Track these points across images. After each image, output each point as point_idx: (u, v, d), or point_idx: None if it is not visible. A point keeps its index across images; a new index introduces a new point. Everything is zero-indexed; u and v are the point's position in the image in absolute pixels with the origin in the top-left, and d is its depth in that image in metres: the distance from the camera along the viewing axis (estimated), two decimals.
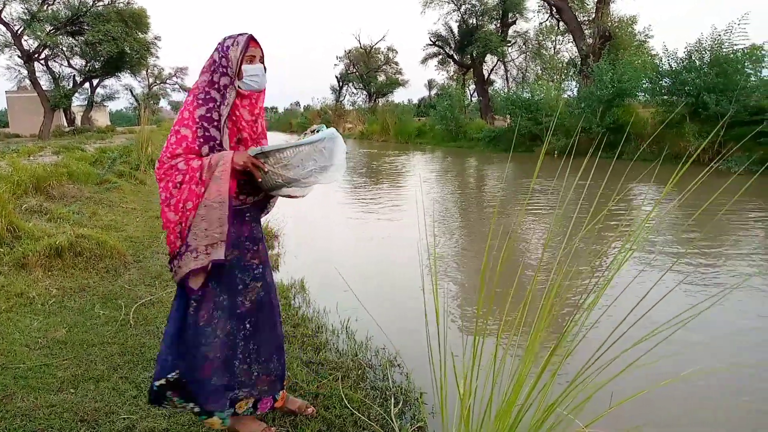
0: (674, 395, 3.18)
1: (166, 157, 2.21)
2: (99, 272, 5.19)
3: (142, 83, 50.43)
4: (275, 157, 2.18)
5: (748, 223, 7.85)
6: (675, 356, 3.48)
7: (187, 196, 2.17)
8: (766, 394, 3.28)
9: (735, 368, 3.51)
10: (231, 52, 2.22)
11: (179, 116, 2.27)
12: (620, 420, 1.82)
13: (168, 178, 2.20)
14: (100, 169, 11.06)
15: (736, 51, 14.81)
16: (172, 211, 2.19)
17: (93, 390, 3.06)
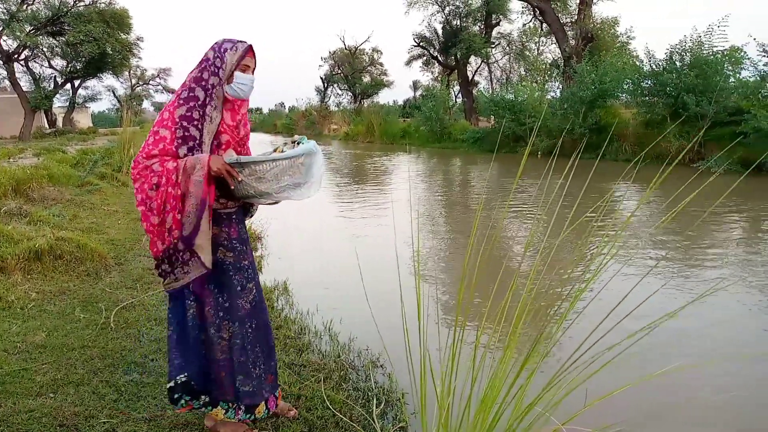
0: (649, 393, 3.23)
1: (142, 157, 2.20)
2: (79, 275, 5.14)
3: (124, 84, 49.96)
4: (251, 168, 2.17)
5: (728, 222, 7.96)
6: (652, 353, 3.53)
7: (165, 198, 2.16)
8: (741, 389, 3.34)
9: (709, 365, 3.57)
10: (228, 55, 2.23)
11: (159, 117, 2.26)
12: (598, 418, 1.84)
13: (143, 179, 2.18)
14: (81, 171, 10.94)
15: (716, 53, 15.02)
16: (155, 215, 2.18)
17: (73, 394, 3.03)
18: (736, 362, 3.66)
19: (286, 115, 57.13)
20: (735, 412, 3.14)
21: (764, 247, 6.63)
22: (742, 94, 14.44)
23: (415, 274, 1.87)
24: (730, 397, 3.27)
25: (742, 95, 14.46)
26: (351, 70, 48.28)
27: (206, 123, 2.22)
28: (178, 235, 2.19)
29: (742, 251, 6.42)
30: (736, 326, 4.31)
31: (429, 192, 12.45)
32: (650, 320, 1.85)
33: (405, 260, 5.56)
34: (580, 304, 4.28)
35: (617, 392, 1.74)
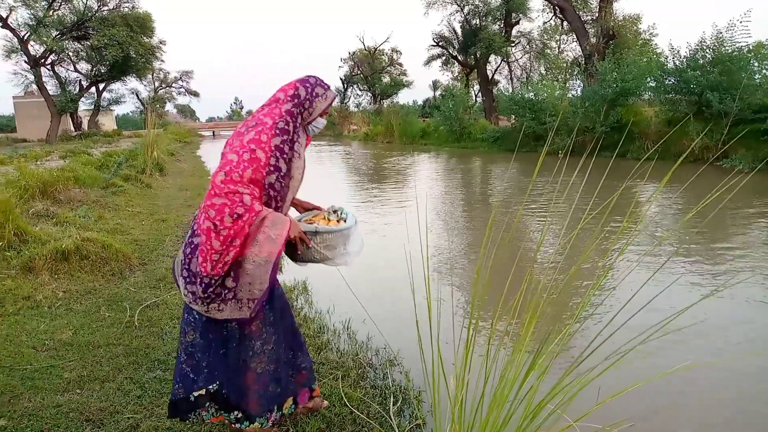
0: (662, 390, 3.22)
1: (237, 174, 2.12)
2: (105, 275, 5.26)
3: (147, 87, 50.77)
4: (322, 236, 2.39)
5: (752, 221, 7.85)
6: (666, 351, 3.52)
7: (237, 233, 2.14)
8: (752, 387, 3.31)
9: (722, 363, 3.55)
10: (318, 101, 2.33)
11: (255, 135, 2.20)
12: (610, 415, 1.86)
13: (228, 201, 2.11)
14: (106, 173, 11.14)
15: (741, 48, 14.77)
16: (219, 241, 2.14)
17: (98, 390, 3.12)
18: (751, 360, 3.63)
19: None
20: (746, 410, 3.12)
21: None
22: (767, 91, 14.20)
23: (424, 271, 1.90)
24: (742, 395, 3.25)
25: (767, 92, 14.21)
26: (370, 71, 48.43)
27: (294, 158, 2.30)
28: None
29: (763, 250, 6.33)
30: (753, 324, 4.26)
31: (447, 190, 12.46)
32: (664, 316, 1.86)
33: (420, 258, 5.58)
34: (595, 301, 4.27)
35: (629, 389, 1.75)
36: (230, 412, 2.45)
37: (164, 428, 2.74)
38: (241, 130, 2.26)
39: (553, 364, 1.86)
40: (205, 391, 2.43)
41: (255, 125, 2.22)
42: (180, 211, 8.93)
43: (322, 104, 2.34)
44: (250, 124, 2.27)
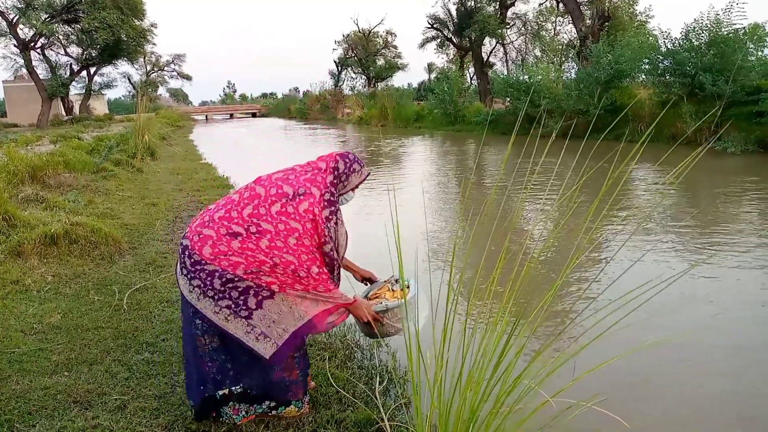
0: (635, 365, 3.28)
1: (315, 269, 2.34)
2: (94, 259, 5.26)
3: (139, 71, 50.25)
4: (393, 312, 2.51)
5: (743, 202, 7.89)
6: (636, 327, 3.57)
7: (298, 251, 2.30)
8: (719, 361, 3.37)
9: (691, 338, 3.61)
10: (353, 176, 2.53)
11: (309, 207, 2.32)
12: (586, 390, 1.88)
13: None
14: (96, 157, 11.09)
15: (737, 30, 14.70)
16: (292, 255, 2.28)
17: (86, 372, 3.14)
18: (719, 335, 3.70)
19: (300, 100, 57.13)
20: (716, 383, 3.17)
21: None
22: (761, 73, 14.16)
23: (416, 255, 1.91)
24: (711, 369, 3.31)
25: (761, 74, 14.17)
26: (365, 54, 48.12)
27: (339, 225, 2.45)
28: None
29: (752, 231, 6.36)
30: (728, 302, 4.32)
31: (439, 173, 12.45)
32: (640, 293, 1.88)
33: (412, 242, 5.60)
34: (574, 280, 4.29)
35: (604, 365, 1.77)
36: (261, 403, 2.58)
37: (151, 409, 2.76)
38: (284, 191, 2.34)
39: (532, 342, 1.87)
40: (229, 391, 2.52)
41: (305, 194, 2.33)
42: (171, 195, 8.92)
43: (356, 179, 2.55)
44: (295, 186, 2.36)
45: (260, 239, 2.26)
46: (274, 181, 2.39)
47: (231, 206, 2.34)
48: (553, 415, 1.76)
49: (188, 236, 2.34)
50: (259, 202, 2.31)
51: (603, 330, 1.71)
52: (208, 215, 2.36)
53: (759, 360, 3.46)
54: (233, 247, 2.25)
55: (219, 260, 2.25)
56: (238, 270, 2.26)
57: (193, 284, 2.31)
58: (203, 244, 2.27)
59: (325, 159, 2.52)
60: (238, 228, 2.27)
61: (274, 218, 2.27)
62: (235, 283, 2.28)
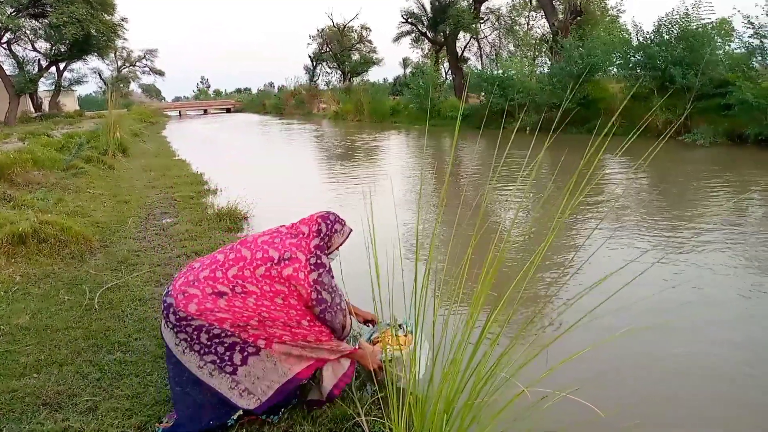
0: (607, 354, 3.32)
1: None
2: (64, 258, 5.15)
3: (110, 66, 49.43)
4: (399, 360, 2.53)
5: (712, 192, 8.04)
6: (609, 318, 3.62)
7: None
8: (691, 348, 3.44)
9: (661, 327, 3.67)
10: (336, 236, 2.59)
11: (294, 272, 2.36)
12: (560, 380, 1.90)
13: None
14: (66, 154, 10.86)
15: (705, 25, 14.97)
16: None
17: (56, 374, 3.07)
18: (687, 323, 3.77)
19: (275, 95, 56.66)
20: (683, 369, 3.23)
21: (745, 215, 6.70)
22: (729, 67, 14.45)
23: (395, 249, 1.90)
24: (679, 354, 3.37)
25: (729, 67, 14.47)
26: (340, 48, 47.88)
27: (333, 280, 2.50)
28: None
29: (720, 219, 6.49)
30: (702, 289, 4.40)
31: (416, 166, 12.47)
32: (618, 287, 1.90)
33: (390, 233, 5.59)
34: (547, 271, 4.32)
35: (577, 356, 1.79)
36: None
37: (123, 409, 2.71)
38: (269, 255, 2.38)
39: (505, 334, 1.88)
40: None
41: (290, 259, 2.37)
42: (143, 192, 8.78)
43: (339, 239, 2.61)
44: (281, 250, 2.40)
45: (246, 298, 2.32)
46: (260, 245, 2.43)
47: (216, 266, 2.38)
48: (529, 405, 1.77)
49: (172, 294, 2.35)
50: (245, 264, 2.36)
51: (575, 321, 1.73)
52: (192, 275, 2.38)
53: (731, 344, 3.54)
54: (219, 305, 2.30)
55: (206, 316, 2.29)
56: (225, 324, 2.30)
57: (180, 337, 2.35)
58: (188, 302, 2.30)
59: (306, 222, 2.56)
60: (223, 288, 2.32)
61: (259, 281, 2.33)
62: (221, 338, 2.32)
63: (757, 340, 3.62)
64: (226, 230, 6.23)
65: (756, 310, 4.05)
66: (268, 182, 10.69)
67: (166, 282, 4.57)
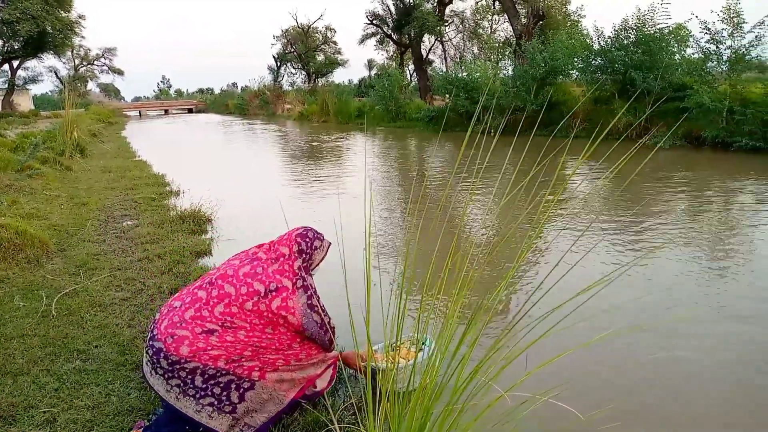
0: (586, 357, 3.33)
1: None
2: (19, 263, 4.94)
3: (67, 65, 48.06)
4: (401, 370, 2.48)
5: (672, 194, 8.23)
6: (593, 321, 3.64)
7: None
8: (670, 350, 3.47)
9: (643, 330, 3.70)
10: (316, 253, 2.57)
11: (284, 303, 2.34)
12: (540, 384, 1.87)
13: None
14: (21, 155, 10.47)
15: (662, 30, 15.35)
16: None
17: (11, 385, 2.92)
18: (671, 323, 3.81)
19: (238, 96, 55.93)
20: (668, 369, 3.26)
21: (705, 215, 6.87)
22: (686, 71, 14.84)
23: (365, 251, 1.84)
24: (666, 357, 3.40)
25: (686, 71, 14.86)
26: (304, 49, 47.57)
27: (319, 298, 2.49)
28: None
29: (683, 220, 6.64)
30: (672, 290, 4.46)
31: (382, 168, 12.44)
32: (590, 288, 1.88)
33: (357, 237, 5.54)
34: (525, 274, 4.33)
35: (557, 359, 1.77)
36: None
37: (84, 420, 2.59)
38: (255, 288, 2.34)
39: (483, 338, 1.85)
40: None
41: (277, 289, 2.34)
42: (102, 194, 8.51)
43: (319, 256, 2.60)
44: (265, 281, 2.36)
45: (237, 332, 2.28)
46: (242, 278, 2.37)
47: (200, 305, 2.32)
48: (509, 410, 1.74)
49: (159, 338, 2.27)
50: (230, 301, 2.31)
51: (552, 324, 1.70)
52: (177, 315, 2.31)
53: (709, 346, 3.57)
54: (211, 342, 2.25)
55: (199, 356, 2.24)
56: (219, 362, 2.26)
57: (171, 384, 2.28)
58: (179, 344, 2.24)
59: (285, 243, 2.51)
60: (212, 326, 2.27)
61: (248, 315, 2.30)
62: (216, 378, 2.28)
63: (733, 338, 3.68)
64: (189, 233, 6.07)
65: (726, 307, 4.13)
66: (231, 183, 10.50)
67: (127, 286, 4.42)
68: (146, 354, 2.34)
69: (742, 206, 7.39)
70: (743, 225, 6.41)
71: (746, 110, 12.35)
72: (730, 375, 3.21)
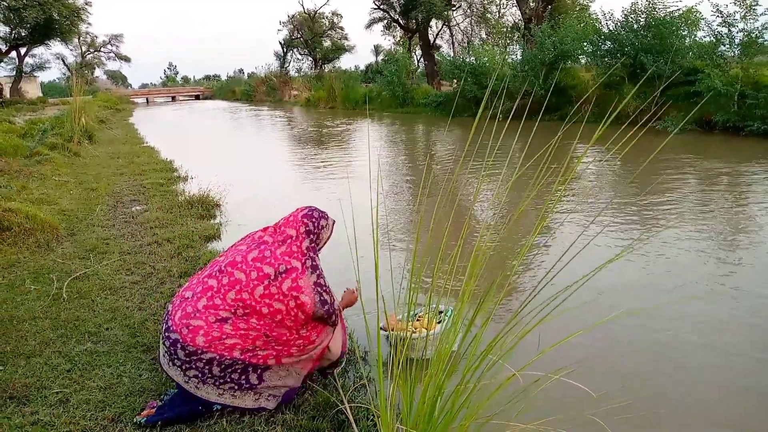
0: (597, 337, 3.32)
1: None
2: (30, 247, 4.96)
3: (74, 52, 47.99)
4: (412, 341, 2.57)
5: (683, 178, 8.16)
6: (602, 301, 3.63)
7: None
8: (678, 331, 3.46)
9: (655, 308, 3.69)
10: (323, 232, 2.57)
11: (293, 283, 2.34)
12: (551, 363, 1.87)
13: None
14: (30, 141, 10.50)
15: (672, 13, 15.16)
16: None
17: (24, 366, 2.94)
18: (679, 304, 3.79)
19: (245, 82, 55.79)
20: (676, 349, 3.25)
21: (713, 199, 6.80)
22: (697, 54, 14.65)
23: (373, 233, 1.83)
24: (673, 336, 3.39)
25: (697, 55, 14.67)
26: (311, 35, 47.30)
27: (326, 279, 2.48)
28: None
29: (692, 204, 6.58)
30: (683, 270, 4.44)
31: (391, 155, 12.39)
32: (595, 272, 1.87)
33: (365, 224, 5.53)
34: (537, 257, 4.31)
35: (568, 339, 1.75)
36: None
37: (96, 401, 2.61)
38: (265, 272, 2.35)
39: (492, 317, 1.84)
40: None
41: (287, 271, 2.34)
42: (111, 180, 8.53)
43: (326, 234, 2.59)
44: (275, 264, 2.36)
45: (249, 319, 2.30)
46: (251, 263, 2.37)
47: (212, 293, 2.34)
48: (521, 388, 1.73)
49: (175, 329, 2.30)
50: (241, 287, 2.32)
51: (561, 302, 1.68)
52: (190, 306, 2.33)
53: (716, 328, 3.55)
54: (226, 331, 2.28)
55: (215, 346, 2.27)
56: (235, 352, 2.29)
57: (189, 375, 2.33)
58: (195, 335, 2.27)
59: (291, 224, 2.51)
60: (225, 313, 2.30)
61: (258, 302, 2.30)
62: (233, 367, 2.33)
63: (741, 320, 3.66)
64: (198, 217, 6.09)
65: (735, 293, 4.10)
66: (239, 169, 10.50)
67: (137, 270, 4.43)
68: (162, 345, 2.38)
69: (755, 190, 7.31)
70: (755, 209, 6.35)
71: (759, 94, 12.19)
72: (739, 357, 3.19)
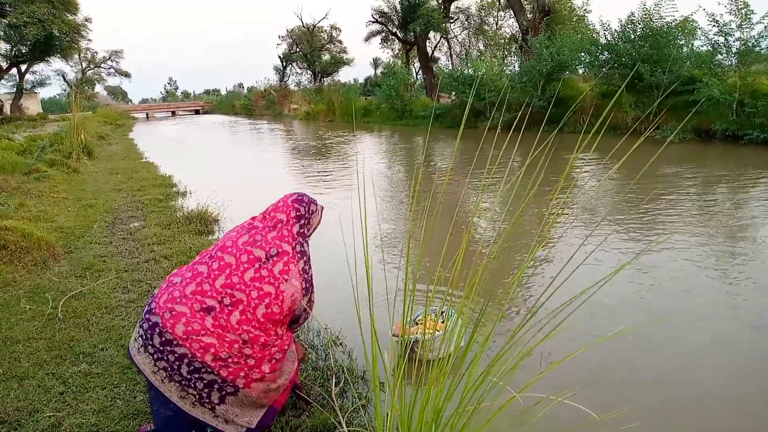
0: (598, 357, 3.25)
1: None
2: (26, 265, 4.92)
3: (74, 68, 48.27)
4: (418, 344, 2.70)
5: (683, 187, 8.12)
6: (603, 316, 3.57)
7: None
8: (682, 349, 3.40)
9: (658, 323, 3.63)
10: (314, 217, 2.55)
11: (284, 267, 2.29)
12: (552, 383, 1.82)
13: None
14: (29, 158, 10.50)
15: (669, 23, 15.22)
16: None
17: (16, 389, 2.89)
18: (684, 318, 3.74)
19: (244, 96, 55.98)
20: (682, 366, 3.19)
21: (714, 209, 6.77)
22: (695, 64, 14.69)
23: (364, 251, 1.79)
24: (676, 356, 3.32)
25: (695, 64, 14.70)
26: (310, 48, 47.61)
27: (311, 270, 2.43)
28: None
29: (692, 213, 6.54)
30: (684, 284, 4.39)
31: (389, 167, 12.38)
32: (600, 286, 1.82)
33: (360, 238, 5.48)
34: (537, 270, 4.26)
35: (569, 358, 1.71)
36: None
37: (89, 425, 2.56)
38: (255, 255, 2.29)
39: (492, 336, 1.79)
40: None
41: (278, 254, 2.30)
42: (109, 196, 8.51)
43: (316, 219, 2.57)
44: (266, 247, 2.31)
45: (232, 313, 2.19)
46: (242, 247, 2.31)
47: (201, 279, 2.25)
48: (522, 410, 1.68)
49: (157, 312, 2.19)
50: (231, 271, 2.25)
51: (561, 321, 1.64)
52: (177, 291, 2.23)
53: (723, 345, 3.50)
54: (206, 325, 2.17)
55: (191, 341, 2.15)
56: (207, 357, 2.16)
57: (159, 366, 2.18)
58: (176, 321, 2.16)
59: (281, 209, 2.47)
60: (211, 302, 2.20)
61: (248, 285, 2.22)
62: (201, 373, 2.18)
63: (748, 335, 3.60)
64: (196, 233, 6.05)
65: (738, 304, 4.04)
66: (238, 183, 10.48)
67: (133, 288, 4.39)
68: (139, 329, 2.26)
69: (755, 198, 7.28)
70: (756, 217, 6.31)
71: (757, 102, 12.20)
72: (749, 370, 3.14)
